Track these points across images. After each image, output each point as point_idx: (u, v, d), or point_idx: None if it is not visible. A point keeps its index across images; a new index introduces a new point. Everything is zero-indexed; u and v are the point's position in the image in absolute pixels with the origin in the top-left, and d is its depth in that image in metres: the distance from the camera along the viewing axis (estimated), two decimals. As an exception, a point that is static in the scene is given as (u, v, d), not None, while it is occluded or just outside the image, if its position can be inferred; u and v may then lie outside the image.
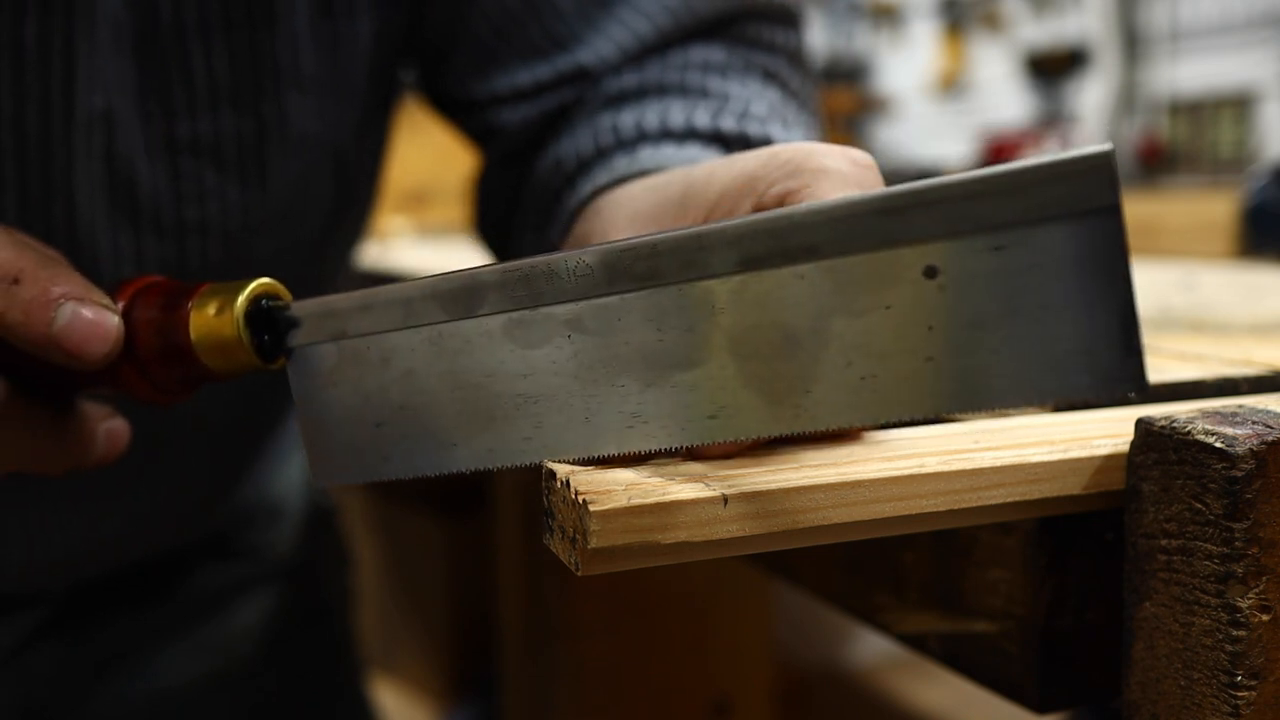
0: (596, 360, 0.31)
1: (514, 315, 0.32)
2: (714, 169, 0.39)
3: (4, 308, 0.35)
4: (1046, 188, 0.26)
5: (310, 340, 0.36)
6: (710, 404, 0.30)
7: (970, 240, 0.27)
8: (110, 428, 0.40)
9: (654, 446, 0.31)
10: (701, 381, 0.30)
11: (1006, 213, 0.26)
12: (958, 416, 0.37)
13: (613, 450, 0.31)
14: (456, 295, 0.33)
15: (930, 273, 0.27)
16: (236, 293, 0.36)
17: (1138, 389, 0.26)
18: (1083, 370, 0.26)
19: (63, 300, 0.35)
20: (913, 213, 0.27)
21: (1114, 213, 0.25)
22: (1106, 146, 0.25)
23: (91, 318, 0.35)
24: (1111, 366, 0.26)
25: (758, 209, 0.36)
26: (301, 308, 0.36)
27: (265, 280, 0.37)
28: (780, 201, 0.36)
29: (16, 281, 0.35)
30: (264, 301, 0.36)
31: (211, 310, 0.36)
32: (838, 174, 0.35)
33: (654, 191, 0.41)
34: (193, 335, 0.36)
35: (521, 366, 0.32)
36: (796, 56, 0.57)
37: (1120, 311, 0.25)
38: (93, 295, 0.36)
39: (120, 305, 0.37)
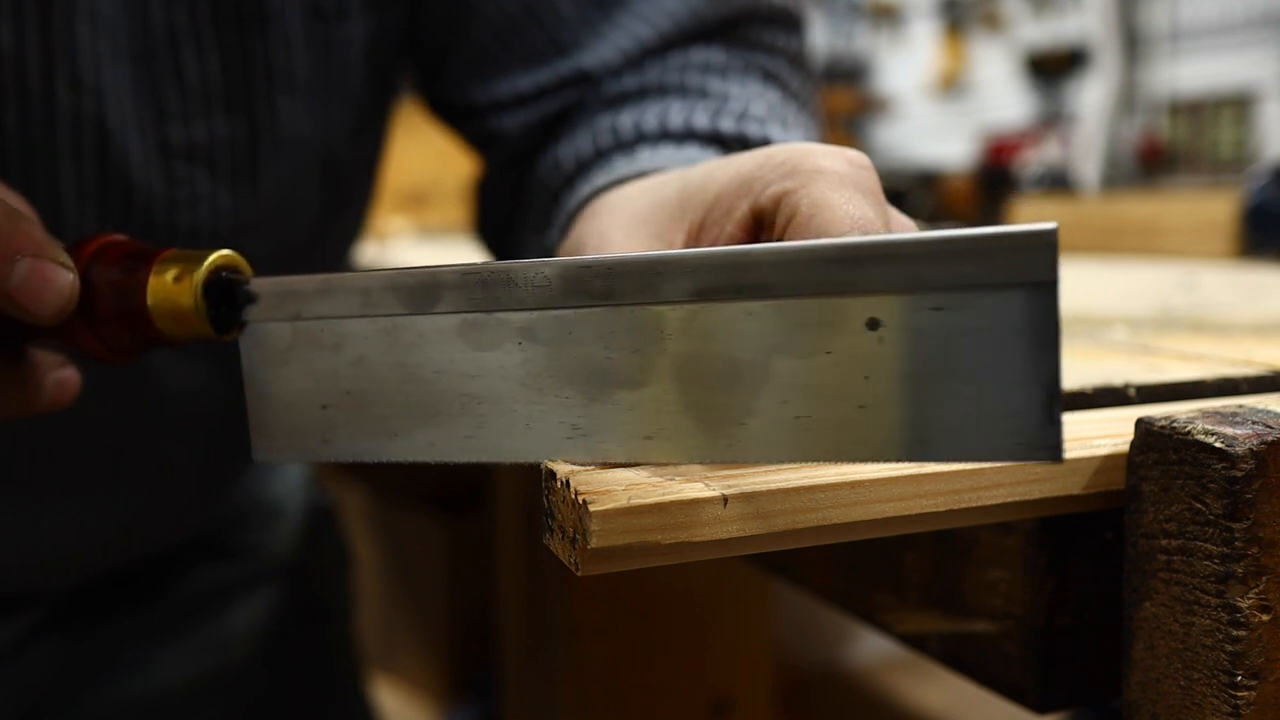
0: (544, 370, 0.32)
1: (469, 317, 0.33)
2: (711, 170, 0.39)
3: None
4: (992, 257, 0.27)
5: (266, 317, 0.36)
6: (649, 424, 0.31)
7: (914, 298, 0.28)
8: (59, 377, 0.39)
9: (589, 460, 0.32)
10: (643, 402, 0.31)
11: (951, 276, 0.27)
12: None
13: (549, 458, 0.32)
14: (415, 290, 0.33)
15: (872, 324, 0.28)
16: (198, 262, 0.36)
17: (1054, 459, 0.27)
18: (1005, 434, 0.27)
19: (19, 256, 0.35)
20: (864, 265, 0.28)
21: (1051, 288, 0.26)
22: (1052, 225, 0.26)
23: (47, 275, 0.35)
24: (1032, 434, 0.27)
25: (754, 210, 0.36)
26: (260, 284, 0.36)
27: (226, 252, 0.37)
28: (777, 202, 0.36)
29: None
30: (224, 273, 0.37)
31: (170, 277, 0.36)
32: (834, 174, 0.35)
33: (651, 193, 0.41)
34: (149, 301, 0.36)
35: (471, 367, 0.33)
36: (798, 59, 0.57)
37: (1047, 383, 0.26)
38: (49, 252, 0.36)
39: (79, 263, 0.37)
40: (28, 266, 0.35)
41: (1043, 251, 0.26)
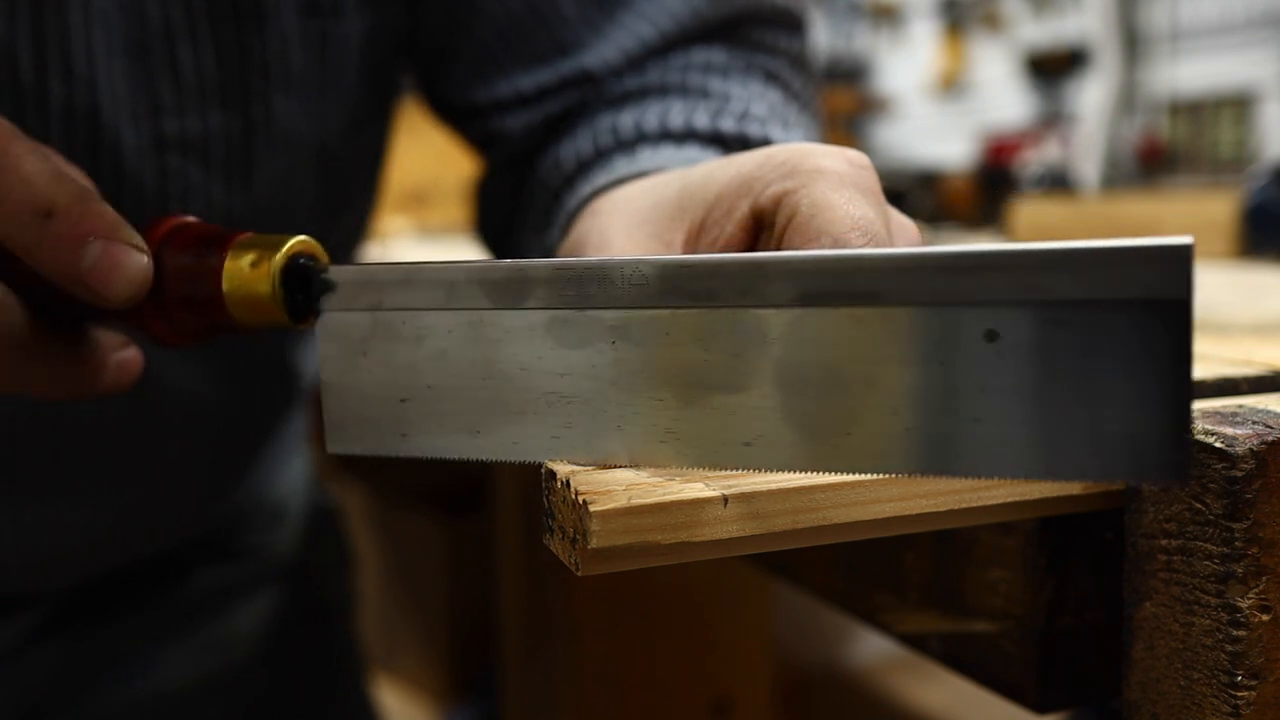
0: (637, 370, 0.31)
1: (559, 314, 0.32)
2: (711, 171, 0.39)
3: (34, 242, 0.35)
4: (1120, 270, 0.25)
5: (343, 306, 0.35)
6: (747, 431, 0.30)
7: (1035, 311, 0.26)
8: (122, 358, 0.39)
9: (684, 465, 0.31)
10: (742, 407, 0.30)
11: (1076, 289, 0.26)
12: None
13: (642, 462, 0.31)
14: (503, 285, 0.32)
15: (990, 336, 0.27)
16: (275, 248, 0.35)
17: (1181, 481, 0.26)
18: (1128, 455, 0.26)
19: (92, 238, 0.34)
20: (982, 274, 0.27)
21: (1183, 307, 0.25)
22: (1188, 240, 0.25)
23: (120, 258, 0.35)
24: (1158, 457, 0.26)
25: (755, 210, 0.36)
26: (339, 273, 0.35)
27: (304, 238, 0.36)
28: (777, 202, 0.36)
29: (49, 215, 0.34)
30: (301, 260, 0.36)
31: (247, 262, 0.36)
32: (834, 174, 0.35)
33: (651, 193, 0.41)
34: (225, 286, 0.36)
35: (559, 365, 0.32)
36: (800, 60, 0.57)
37: (1175, 404, 0.25)
38: (123, 234, 0.35)
39: (151, 245, 0.36)
40: (100, 249, 0.34)
41: (1176, 267, 0.25)
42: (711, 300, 0.30)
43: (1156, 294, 0.25)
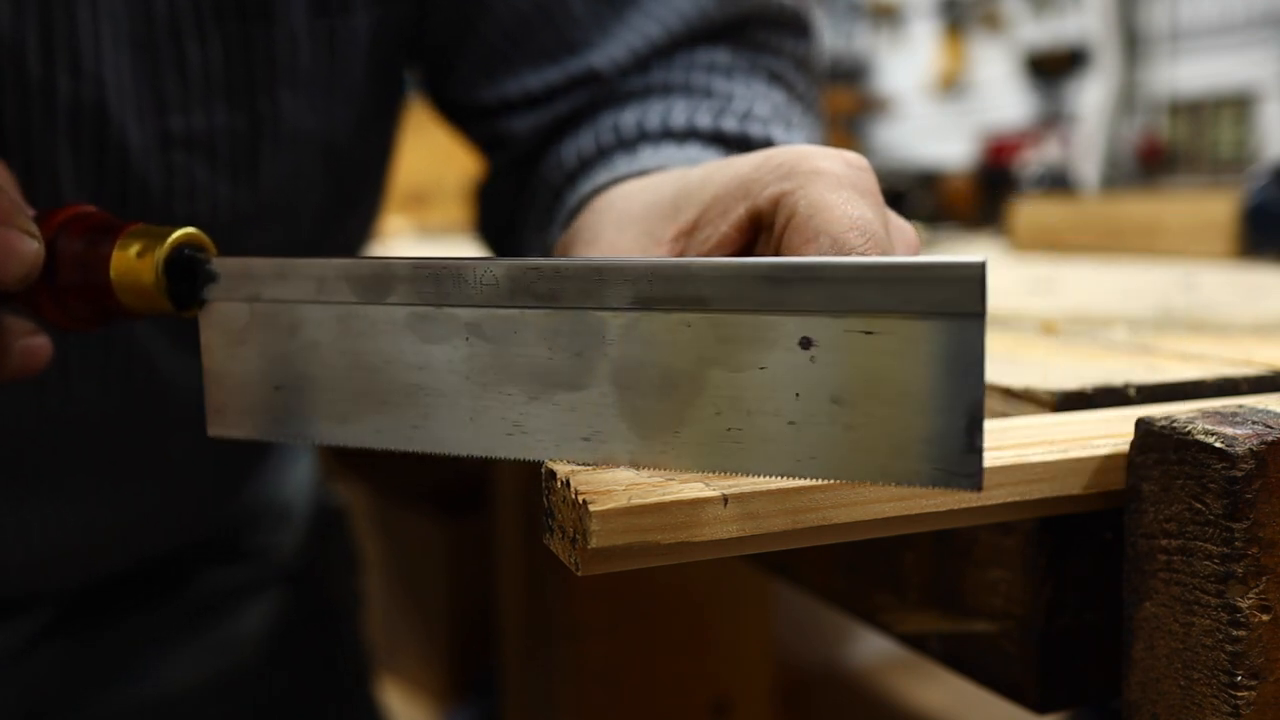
0: (489, 366, 0.33)
1: (418, 309, 0.34)
2: (710, 172, 0.39)
3: None
4: (923, 285, 0.27)
5: (225, 296, 0.37)
6: (586, 426, 0.32)
7: (846, 320, 0.28)
8: (28, 344, 0.40)
9: (528, 457, 0.33)
10: (582, 404, 0.32)
11: (883, 300, 0.28)
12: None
13: (491, 454, 0.33)
14: (368, 281, 0.34)
15: (805, 344, 0.29)
16: (161, 239, 0.37)
17: (973, 487, 0.27)
18: (926, 458, 0.28)
19: None
20: (799, 285, 0.29)
21: (978, 319, 0.27)
22: (981, 259, 0.27)
23: (12, 243, 0.36)
24: (952, 460, 0.28)
25: (752, 212, 0.37)
26: (222, 264, 0.37)
27: (190, 230, 0.38)
28: (775, 203, 0.36)
29: None
30: (186, 250, 0.38)
31: (134, 252, 0.37)
32: (831, 175, 0.35)
33: (648, 192, 0.41)
34: (112, 274, 0.37)
35: (419, 359, 0.34)
36: (805, 62, 0.57)
37: (969, 410, 0.27)
38: (17, 220, 0.36)
39: (47, 232, 0.38)
40: None
41: (972, 284, 0.27)
42: (555, 301, 0.32)
43: (954, 308, 0.27)
